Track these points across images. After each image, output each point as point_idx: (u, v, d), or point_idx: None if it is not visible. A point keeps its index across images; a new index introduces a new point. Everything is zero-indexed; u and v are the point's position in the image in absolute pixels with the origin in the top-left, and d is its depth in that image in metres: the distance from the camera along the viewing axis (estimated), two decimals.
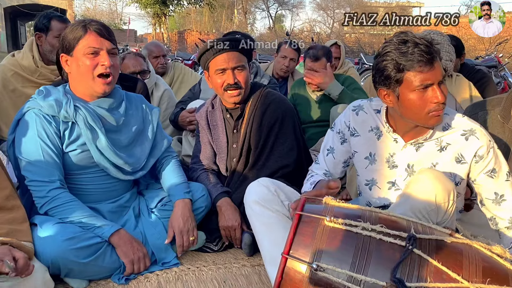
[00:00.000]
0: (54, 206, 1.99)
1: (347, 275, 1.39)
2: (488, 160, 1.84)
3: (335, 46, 4.69)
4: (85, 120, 2.09)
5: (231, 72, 2.41)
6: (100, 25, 2.12)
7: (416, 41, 1.70)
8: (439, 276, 1.38)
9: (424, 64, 1.69)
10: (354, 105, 2.06)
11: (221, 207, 2.40)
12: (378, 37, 22.61)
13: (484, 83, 3.83)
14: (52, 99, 2.07)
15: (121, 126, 2.23)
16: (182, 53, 16.07)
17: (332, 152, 2.13)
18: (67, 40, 2.08)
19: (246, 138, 2.52)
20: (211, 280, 2.13)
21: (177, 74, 4.51)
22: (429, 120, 1.78)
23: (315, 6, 41.69)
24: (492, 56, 9.82)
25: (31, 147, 2.02)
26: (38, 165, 2.00)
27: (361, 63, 11.93)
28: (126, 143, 2.23)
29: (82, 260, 1.91)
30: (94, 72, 2.07)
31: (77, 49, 2.07)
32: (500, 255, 1.47)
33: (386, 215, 1.55)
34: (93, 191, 2.18)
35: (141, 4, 29.03)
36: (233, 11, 41.12)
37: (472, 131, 1.84)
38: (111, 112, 2.19)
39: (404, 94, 1.75)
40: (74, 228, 1.95)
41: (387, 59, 1.74)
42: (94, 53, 2.07)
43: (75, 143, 2.10)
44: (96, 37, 2.07)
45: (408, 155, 1.92)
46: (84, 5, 44.50)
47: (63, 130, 2.08)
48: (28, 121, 2.06)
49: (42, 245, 1.86)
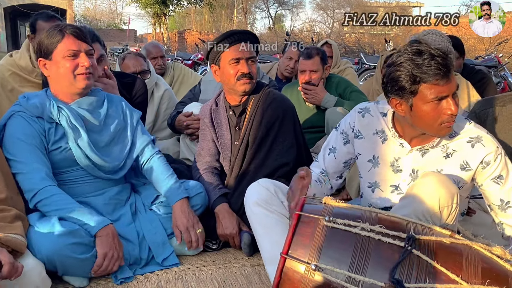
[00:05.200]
0: (42, 198, 2.01)
1: (346, 275, 1.39)
2: (495, 167, 1.83)
3: (326, 45, 4.69)
4: (67, 120, 2.15)
5: (245, 62, 2.43)
6: (76, 28, 2.17)
7: (432, 52, 1.69)
8: (438, 277, 1.38)
9: (441, 78, 1.68)
10: (361, 107, 2.05)
11: (219, 215, 2.41)
12: (378, 37, 22.59)
13: (484, 84, 3.82)
14: (36, 101, 2.14)
15: (102, 126, 2.28)
16: (182, 53, 16.08)
17: (334, 151, 2.12)
18: (44, 45, 2.13)
19: (245, 135, 2.52)
20: (211, 280, 2.13)
21: (177, 75, 4.51)
22: (441, 130, 1.78)
23: (315, 6, 41.78)
24: (492, 56, 9.81)
25: (17, 147, 2.06)
26: (24, 162, 2.04)
27: (361, 63, 11.91)
28: (106, 142, 2.28)
29: (79, 255, 1.92)
30: (74, 73, 2.13)
31: (56, 52, 2.12)
32: (500, 256, 1.47)
33: (386, 216, 1.55)
34: (81, 185, 2.22)
35: (141, 4, 29.06)
36: (233, 11, 41.13)
37: (478, 138, 1.83)
38: (92, 112, 2.24)
39: (418, 105, 1.75)
40: (69, 224, 1.96)
41: (402, 70, 1.72)
42: (73, 55, 2.12)
43: (59, 142, 2.15)
44: (74, 40, 2.12)
45: (413, 160, 1.92)
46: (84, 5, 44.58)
47: (47, 129, 2.14)
48: (13, 123, 2.11)
49: (38, 242, 1.87)
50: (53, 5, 22.89)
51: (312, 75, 3.37)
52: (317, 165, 2.16)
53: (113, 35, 32.60)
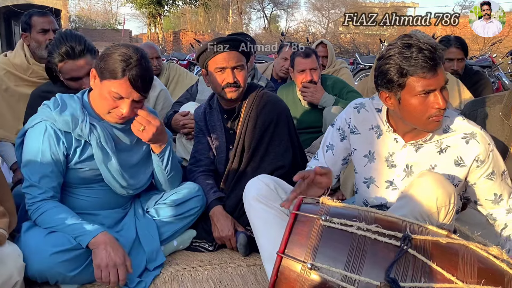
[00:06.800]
0: (40, 214, 1.97)
1: (342, 274, 1.39)
2: (489, 164, 1.85)
3: (322, 45, 4.69)
4: (97, 140, 2.05)
5: (230, 71, 2.43)
6: (139, 76, 1.97)
7: (420, 46, 1.69)
8: (434, 276, 1.38)
9: (428, 70, 1.69)
10: (356, 103, 2.06)
11: (213, 217, 2.40)
12: (373, 37, 22.65)
13: (482, 85, 3.84)
14: (68, 114, 2.01)
15: (134, 145, 2.22)
16: (177, 54, 16.02)
17: (331, 148, 2.13)
18: (104, 67, 1.97)
19: (240, 139, 2.51)
20: (206, 280, 2.12)
21: (172, 75, 4.50)
22: (428, 124, 1.79)
23: (310, 6, 41.83)
24: (486, 56, 9.89)
25: (33, 159, 2.00)
26: (35, 172, 1.99)
27: (356, 63, 11.95)
28: (135, 162, 2.22)
29: (69, 273, 1.88)
30: (110, 111, 2.03)
31: (107, 83, 1.97)
32: (496, 256, 1.47)
33: (382, 216, 1.55)
34: (94, 201, 2.17)
35: (136, 4, 28.98)
36: (228, 11, 41.11)
37: (473, 135, 1.84)
38: (125, 131, 2.17)
39: (406, 98, 1.75)
40: (62, 239, 1.90)
41: (390, 62, 1.74)
42: (119, 98, 1.99)
43: (85, 162, 2.08)
44: (128, 86, 1.96)
45: (407, 155, 1.92)
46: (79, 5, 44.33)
47: (74, 147, 2.05)
48: (37, 132, 2.02)
49: (28, 258, 1.83)
50: (48, 5, 22.80)
51: (313, 73, 3.37)
52: (318, 163, 2.16)
53: (108, 35, 32.51)
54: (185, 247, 2.39)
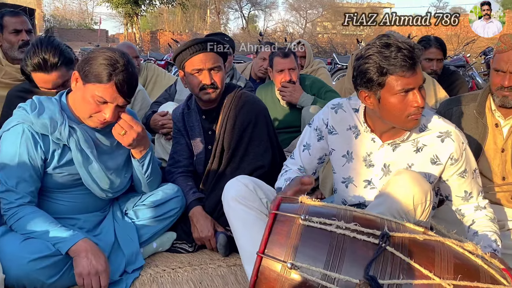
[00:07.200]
0: (17, 220, 1.93)
1: (322, 273, 1.40)
2: (462, 163, 1.91)
3: (299, 45, 4.71)
4: (77, 143, 2.01)
5: (207, 72, 2.41)
6: (126, 81, 1.93)
7: (399, 45, 1.72)
8: (412, 273, 1.40)
9: (407, 69, 1.72)
10: (334, 103, 2.08)
11: (193, 218, 2.39)
12: (350, 37, 22.83)
13: (458, 85, 3.90)
14: (46, 117, 1.96)
15: (114, 148, 2.18)
16: (155, 54, 15.91)
17: (308, 148, 2.14)
18: (89, 70, 1.92)
19: (220, 139, 2.51)
20: (186, 281, 2.12)
21: (150, 75, 4.45)
22: (408, 123, 1.81)
23: (287, 6, 41.82)
24: (460, 56, 10.07)
25: (9, 163, 1.96)
26: (11, 176, 1.95)
27: (334, 63, 12.03)
28: (116, 166, 2.18)
29: (48, 280, 1.85)
30: (92, 115, 1.99)
31: (91, 86, 1.93)
32: (472, 252, 1.50)
33: (361, 214, 1.57)
34: (72, 205, 2.13)
35: (112, 4, 28.66)
36: (206, 11, 40.97)
37: (448, 133, 1.89)
38: (105, 134, 2.13)
39: (385, 97, 1.78)
40: (40, 245, 1.87)
41: (370, 62, 1.75)
42: (103, 102, 1.95)
43: (64, 167, 2.04)
44: (113, 91, 1.92)
45: (384, 155, 1.95)
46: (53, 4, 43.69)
47: (52, 150, 2.00)
48: (14, 135, 1.96)
49: (5, 265, 1.79)
50: (21, 4, 22.32)
51: (291, 73, 3.38)
52: (294, 162, 2.17)
53: (84, 35, 32.07)
54: (164, 249, 2.38)
